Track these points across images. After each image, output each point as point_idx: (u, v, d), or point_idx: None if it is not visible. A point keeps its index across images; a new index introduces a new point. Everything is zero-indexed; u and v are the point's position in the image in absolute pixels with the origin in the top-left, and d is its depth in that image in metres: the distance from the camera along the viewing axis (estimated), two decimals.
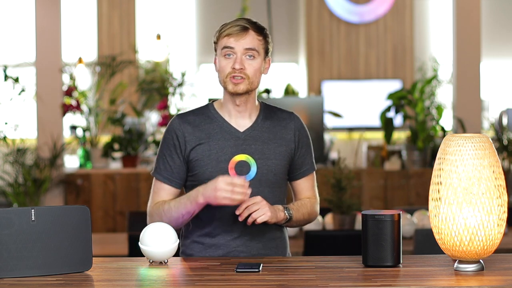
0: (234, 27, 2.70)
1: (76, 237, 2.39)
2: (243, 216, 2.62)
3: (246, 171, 2.72)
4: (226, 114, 2.78)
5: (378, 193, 6.41)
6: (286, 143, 2.79)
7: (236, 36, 2.69)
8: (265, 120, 2.80)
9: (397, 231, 2.43)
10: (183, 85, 6.94)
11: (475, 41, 6.62)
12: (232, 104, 2.76)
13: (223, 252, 2.74)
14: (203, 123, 2.76)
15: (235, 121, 2.77)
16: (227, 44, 2.69)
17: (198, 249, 2.78)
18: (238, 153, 2.73)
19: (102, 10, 9.82)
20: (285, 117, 2.84)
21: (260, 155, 2.74)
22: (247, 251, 2.75)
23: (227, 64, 2.70)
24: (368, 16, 9.68)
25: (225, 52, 2.70)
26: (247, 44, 2.69)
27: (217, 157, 2.72)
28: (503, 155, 6.33)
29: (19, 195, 6.27)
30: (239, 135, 2.75)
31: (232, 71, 2.69)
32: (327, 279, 2.31)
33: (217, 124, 2.76)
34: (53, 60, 6.48)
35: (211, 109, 2.80)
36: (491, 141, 2.35)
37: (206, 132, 2.75)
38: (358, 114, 9.43)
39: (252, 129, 2.77)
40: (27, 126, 7.15)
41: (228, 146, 2.73)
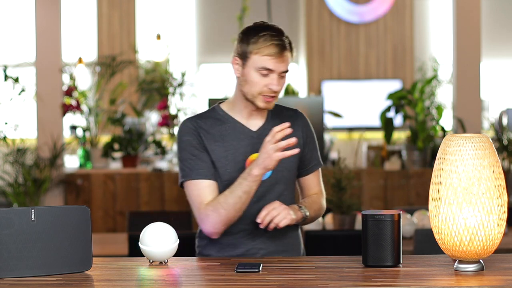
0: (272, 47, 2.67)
1: (76, 237, 2.39)
2: (265, 223, 2.62)
3: None
4: (238, 114, 2.78)
5: (378, 193, 6.41)
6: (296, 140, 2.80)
7: (276, 59, 2.68)
8: (275, 119, 2.81)
9: (397, 231, 2.43)
10: (183, 85, 6.94)
11: (475, 41, 6.62)
12: (247, 109, 2.77)
13: (241, 251, 2.75)
14: (213, 125, 2.77)
15: (246, 121, 2.78)
16: (267, 66, 2.68)
17: (216, 249, 2.79)
18: (253, 152, 2.74)
19: (102, 10, 9.82)
20: (291, 114, 2.86)
21: None
22: (266, 248, 2.76)
23: (261, 82, 2.69)
24: (368, 16, 9.68)
25: (262, 72, 2.69)
26: (285, 66, 2.71)
27: (234, 158, 2.73)
28: (503, 155, 6.33)
29: (19, 195, 6.27)
30: (253, 134, 2.77)
31: (268, 91, 2.70)
32: (327, 279, 2.31)
33: (229, 125, 2.77)
34: (53, 60, 6.48)
35: (219, 111, 2.80)
36: (491, 141, 2.35)
37: (219, 133, 2.75)
38: (358, 114, 9.43)
39: (264, 128, 2.78)
40: (27, 126, 7.15)
41: (243, 145, 2.75)
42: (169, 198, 6.39)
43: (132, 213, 5.06)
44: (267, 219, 2.62)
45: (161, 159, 7.00)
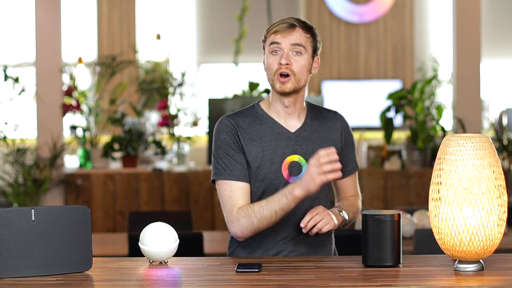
0: (281, 24, 2.70)
1: (76, 237, 2.39)
2: (308, 227, 2.62)
3: (298, 172, 2.72)
4: (275, 114, 2.77)
5: (378, 193, 6.41)
6: (334, 143, 2.79)
7: (283, 33, 2.68)
8: (313, 120, 2.79)
9: (397, 231, 2.43)
10: (183, 85, 6.93)
11: (475, 41, 6.62)
12: (280, 105, 2.75)
13: (273, 253, 2.75)
14: (252, 124, 2.75)
15: (284, 121, 2.76)
16: (275, 40, 2.69)
17: (246, 252, 2.78)
18: (290, 154, 2.72)
19: (102, 10, 9.82)
20: (331, 116, 2.83)
21: (311, 155, 2.70)
22: (296, 251, 2.76)
23: (274, 61, 2.69)
24: (368, 16, 9.67)
25: (272, 48, 2.70)
26: (294, 40, 2.69)
27: (271, 158, 2.72)
28: (503, 155, 6.33)
29: (19, 195, 6.27)
30: (291, 136, 2.75)
31: (279, 67, 2.68)
32: (327, 279, 2.31)
33: (268, 125, 2.75)
34: (53, 60, 6.48)
35: (258, 110, 2.79)
36: (491, 141, 2.35)
37: (257, 133, 2.74)
38: (358, 114, 9.43)
39: (302, 130, 2.76)
40: (27, 126, 7.14)
41: (281, 147, 2.73)
42: (169, 198, 6.39)
43: (132, 213, 5.06)
44: (310, 223, 2.61)
45: (161, 159, 7.00)
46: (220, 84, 9.50)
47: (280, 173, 2.70)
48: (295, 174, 2.71)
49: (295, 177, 2.70)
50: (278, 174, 2.70)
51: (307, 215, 2.63)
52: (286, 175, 2.70)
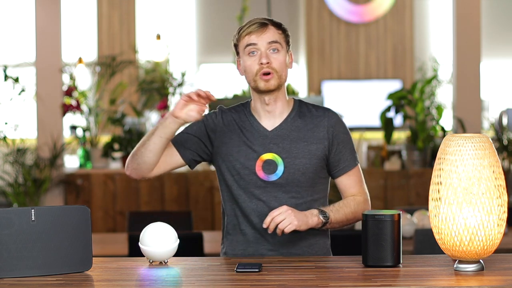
0: (252, 25, 2.71)
1: (76, 237, 2.39)
2: (271, 228, 2.60)
3: (273, 170, 2.72)
4: (257, 113, 2.79)
5: (378, 193, 6.41)
6: (317, 141, 2.75)
7: (257, 32, 2.69)
8: (296, 119, 2.78)
9: (397, 231, 2.43)
10: (183, 85, 6.94)
11: (475, 41, 6.62)
12: (260, 104, 2.76)
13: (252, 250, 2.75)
14: (237, 120, 2.79)
15: (264, 120, 2.77)
16: (250, 41, 2.70)
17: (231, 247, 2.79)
18: (265, 152, 2.73)
19: (102, 10, 9.82)
20: (319, 114, 2.80)
21: (288, 154, 2.72)
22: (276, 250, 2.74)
23: (253, 62, 2.70)
24: (368, 16, 9.68)
25: (248, 50, 2.70)
26: (269, 37, 2.70)
27: (246, 154, 2.73)
28: (503, 155, 6.33)
29: (19, 195, 6.27)
30: (267, 134, 2.75)
31: (260, 67, 2.69)
32: (327, 279, 2.31)
33: (248, 123, 2.78)
34: (53, 60, 6.48)
35: (247, 107, 2.82)
36: (491, 141, 2.35)
37: (238, 129, 2.77)
38: (358, 114, 9.43)
39: (280, 128, 2.76)
40: (27, 126, 7.15)
41: (256, 144, 2.74)
42: (169, 198, 6.39)
43: (132, 213, 5.06)
44: (272, 225, 2.59)
45: None
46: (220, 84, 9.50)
47: (253, 170, 2.72)
48: (271, 172, 2.71)
49: (271, 175, 2.70)
50: (252, 171, 2.71)
51: (269, 215, 2.59)
52: (260, 173, 2.71)
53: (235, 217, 2.78)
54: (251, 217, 2.74)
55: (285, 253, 2.74)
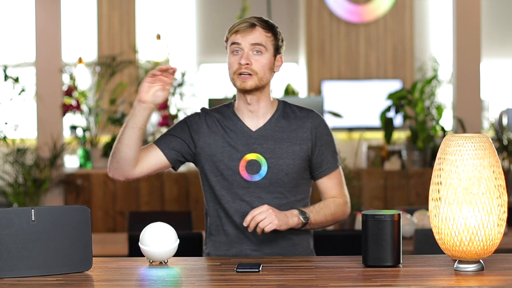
0: (242, 23, 2.73)
1: (76, 237, 2.39)
2: (251, 227, 2.60)
3: (257, 170, 2.72)
4: (240, 113, 2.80)
5: (378, 193, 6.41)
6: (301, 142, 2.77)
7: (243, 32, 2.71)
8: (280, 119, 2.79)
9: (397, 231, 2.43)
10: (183, 85, 6.93)
11: (475, 41, 6.62)
12: (243, 103, 2.78)
13: (236, 251, 2.76)
14: (221, 120, 2.79)
15: (248, 120, 2.78)
16: (234, 40, 2.71)
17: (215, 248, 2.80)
18: (249, 152, 2.73)
19: (102, 10, 9.81)
20: (303, 115, 2.81)
21: (271, 154, 2.73)
22: (260, 250, 2.75)
23: (235, 61, 2.72)
24: (368, 16, 9.67)
25: (232, 48, 2.72)
26: (253, 39, 2.71)
27: (229, 155, 2.74)
28: (503, 155, 6.33)
29: (19, 195, 6.27)
30: (251, 134, 2.76)
31: (239, 67, 2.70)
32: (327, 279, 2.31)
33: (232, 123, 2.78)
34: (53, 60, 6.48)
35: (230, 107, 2.83)
36: (491, 141, 2.35)
37: (222, 129, 2.77)
38: (358, 114, 9.42)
39: (264, 128, 2.77)
40: (27, 126, 7.15)
41: (240, 144, 2.75)
42: (169, 198, 6.39)
43: (132, 213, 5.06)
44: (252, 223, 2.59)
45: None
46: (220, 84, 9.50)
47: (237, 170, 2.72)
48: (254, 172, 2.72)
49: (254, 175, 2.71)
50: (235, 171, 2.72)
51: (249, 214, 2.59)
52: (243, 173, 2.71)
53: (218, 218, 2.79)
54: (234, 217, 2.75)
55: (269, 253, 2.75)
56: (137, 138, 2.68)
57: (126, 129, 2.68)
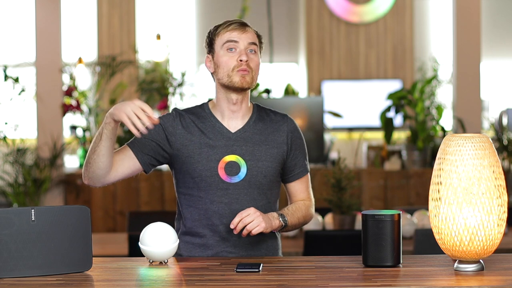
0: (233, 23, 2.74)
1: (76, 237, 2.39)
2: (238, 229, 2.60)
3: (236, 172, 2.72)
4: (219, 114, 2.79)
5: (378, 193, 6.41)
6: (277, 145, 2.79)
7: (238, 31, 2.72)
8: (257, 122, 2.80)
9: (397, 231, 2.43)
10: (183, 85, 6.94)
11: (475, 41, 6.62)
12: (227, 104, 2.77)
13: (212, 253, 2.75)
14: (196, 121, 2.77)
15: (227, 121, 2.78)
16: (231, 38, 2.71)
17: (188, 249, 2.77)
18: (228, 153, 2.73)
19: (102, 10, 9.82)
20: (279, 119, 2.83)
21: (251, 156, 2.74)
22: (236, 252, 2.75)
23: (231, 58, 2.71)
24: (368, 16, 9.68)
25: (228, 46, 2.72)
26: (250, 38, 2.73)
27: (208, 156, 2.73)
28: (503, 155, 6.33)
29: (19, 195, 6.27)
30: (230, 136, 2.76)
31: (239, 64, 2.70)
32: (327, 279, 2.31)
33: (209, 124, 2.77)
34: (53, 60, 6.48)
35: (205, 108, 2.81)
36: (491, 141, 2.35)
37: (198, 130, 2.76)
38: (358, 114, 9.42)
39: (243, 130, 2.77)
40: (27, 126, 7.15)
41: (219, 146, 2.74)
42: (169, 198, 6.39)
43: (132, 213, 5.06)
44: (240, 225, 2.59)
45: None
46: None
47: (216, 171, 2.71)
48: (233, 174, 2.71)
49: (233, 177, 2.70)
50: (214, 173, 2.71)
51: (237, 216, 2.59)
52: (222, 174, 2.70)
53: (193, 220, 2.77)
54: (212, 219, 2.74)
55: (245, 255, 2.74)
56: (112, 147, 2.68)
57: (102, 141, 2.63)
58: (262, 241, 2.79)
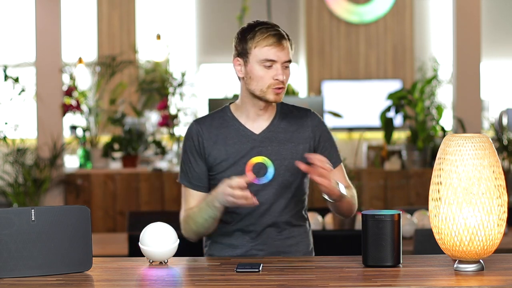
0: (270, 37, 2.70)
1: (76, 237, 2.39)
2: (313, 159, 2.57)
3: (264, 173, 2.72)
4: (244, 116, 2.79)
5: (378, 193, 6.41)
6: (303, 141, 2.79)
7: (277, 47, 2.69)
8: (281, 121, 2.80)
9: (397, 231, 2.43)
10: (183, 85, 6.94)
11: (475, 41, 6.62)
12: (253, 108, 2.77)
13: (241, 252, 2.76)
14: (219, 127, 2.78)
15: (251, 123, 2.78)
16: (268, 57, 2.69)
17: (218, 249, 2.80)
18: (254, 155, 2.73)
19: (102, 10, 9.82)
20: (302, 115, 2.83)
21: (277, 156, 2.74)
22: (266, 249, 2.76)
23: (267, 74, 2.70)
24: (368, 16, 9.68)
25: (265, 64, 2.70)
26: (286, 56, 2.72)
27: (235, 161, 2.74)
28: (503, 155, 6.33)
29: (19, 195, 6.27)
30: (255, 137, 2.76)
31: (276, 83, 2.70)
32: (327, 279, 2.31)
33: (233, 128, 2.78)
34: (53, 60, 6.48)
35: (227, 112, 2.81)
36: (491, 141, 2.35)
37: (222, 136, 2.77)
38: (358, 114, 9.42)
39: (268, 131, 2.78)
40: (27, 126, 7.15)
41: (245, 149, 2.75)
42: (169, 198, 6.39)
43: (132, 213, 5.06)
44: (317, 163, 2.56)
45: (161, 159, 7.00)
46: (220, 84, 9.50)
47: (245, 175, 2.71)
48: (262, 175, 2.71)
49: (261, 178, 2.70)
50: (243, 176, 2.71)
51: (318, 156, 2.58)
52: (251, 177, 2.70)
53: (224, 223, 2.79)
54: (244, 221, 2.75)
55: (275, 253, 2.75)
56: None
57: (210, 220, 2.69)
58: (291, 237, 2.79)
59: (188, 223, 2.75)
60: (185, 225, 2.77)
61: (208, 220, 2.70)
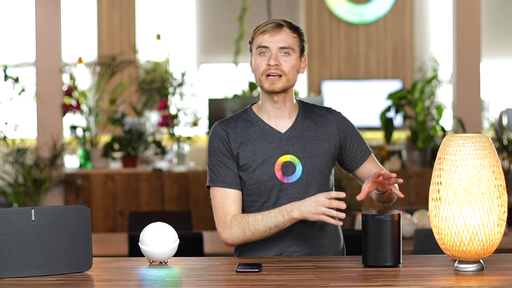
0: (269, 24, 2.71)
1: (76, 237, 2.39)
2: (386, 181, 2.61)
3: (292, 172, 2.72)
4: (266, 116, 2.77)
5: None
6: (329, 138, 2.78)
7: (271, 33, 2.70)
8: (305, 119, 2.80)
9: (397, 231, 2.43)
10: (183, 85, 6.93)
11: (475, 41, 6.62)
12: (270, 104, 2.76)
13: (275, 253, 2.74)
14: (244, 128, 2.76)
15: (275, 122, 2.77)
16: (262, 43, 2.70)
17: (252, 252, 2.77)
18: (282, 154, 2.72)
19: (102, 10, 9.82)
20: (324, 113, 2.83)
21: (304, 154, 2.73)
22: (300, 250, 2.74)
23: (262, 62, 2.70)
24: (368, 16, 9.68)
25: (260, 50, 2.70)
26: (282, 42, 2.70)
27: (263, 161, 2.72)
28: (503, 155, 6.33)
29: (19, 195, 6.27)
30: (281, 136, 2.75)
31: (267, 68, 2.69)
32: (327, 279, 2.31)
33: (258, 128, 2.76)
34: (53, 60, 6.47)
35: (250, 113, 2.80)
36: (491, 141, 2.35)
37: (248, 136, 2.75)
38: (358, 114, 9.43)
39: (293, 129, 2.77)
40: (27, 126, 7.14)
41: (272, 148, 2.73)
42: (169, 198, 6.39)
43: (132, 213, 5.06)
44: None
45: (161, 159, 7.00)
46: (220, 84, 9.50)
47: (273, 174, 2.71)
48: (290, 173, 2.71)
49: (290, 177, 2.70)
50: (272, 176, 2.71)
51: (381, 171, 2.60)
52: (279, 176, 2.70)
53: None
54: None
55: (309, 253, 2.74)
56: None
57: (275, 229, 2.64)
58: (325, 237, 2.78)
59: (242, 228, 2.66)
60: (236, 230, 2.66)
61: (272, 229, 2.64)
